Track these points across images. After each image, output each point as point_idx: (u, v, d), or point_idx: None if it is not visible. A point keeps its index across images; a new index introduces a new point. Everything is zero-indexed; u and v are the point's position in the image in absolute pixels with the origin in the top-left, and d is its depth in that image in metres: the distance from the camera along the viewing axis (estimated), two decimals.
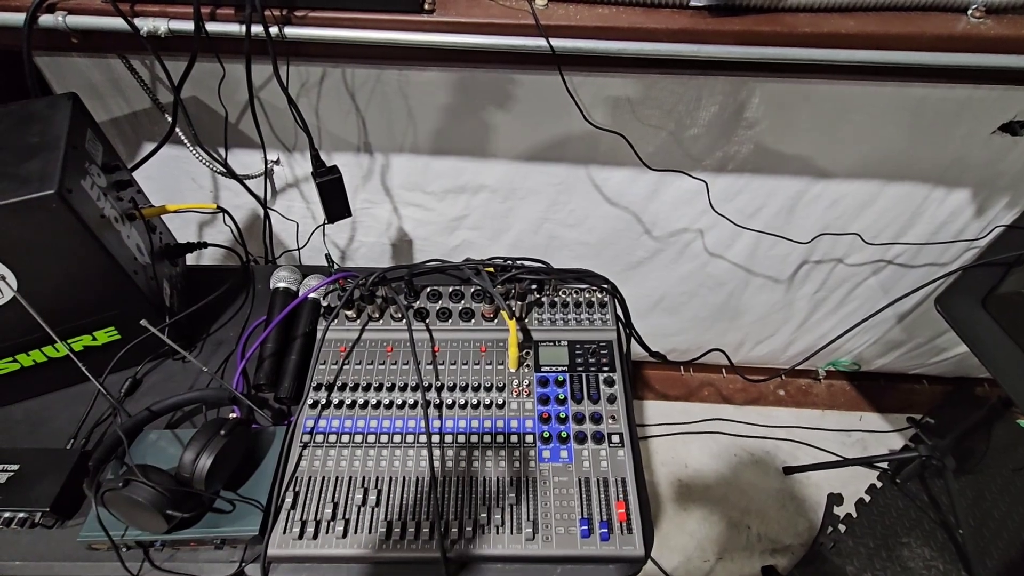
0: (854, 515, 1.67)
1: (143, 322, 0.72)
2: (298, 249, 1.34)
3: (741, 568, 1.57)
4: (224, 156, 1.14)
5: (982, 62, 0.87)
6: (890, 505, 1.69)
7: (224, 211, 0.97)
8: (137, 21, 0.80)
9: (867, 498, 1.70)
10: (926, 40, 0.85)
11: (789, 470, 1.74)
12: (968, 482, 1.70)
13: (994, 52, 0.86)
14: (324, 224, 1.28)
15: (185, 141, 1.06)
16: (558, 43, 0.82)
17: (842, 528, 1.64)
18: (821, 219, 1.32)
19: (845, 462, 1.70)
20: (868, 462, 1.70)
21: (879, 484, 1.73)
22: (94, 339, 0.84)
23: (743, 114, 1.10)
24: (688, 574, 1.56)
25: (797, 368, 1.76)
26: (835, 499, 1.71)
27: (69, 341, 0.81)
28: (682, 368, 1.95)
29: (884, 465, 1.74)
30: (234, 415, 0.78)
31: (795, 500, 1.70)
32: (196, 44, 0.81)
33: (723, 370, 1.95)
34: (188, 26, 0.79)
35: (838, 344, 1.61)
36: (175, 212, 0.93)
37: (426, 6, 0.81)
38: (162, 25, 0.80)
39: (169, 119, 1.02)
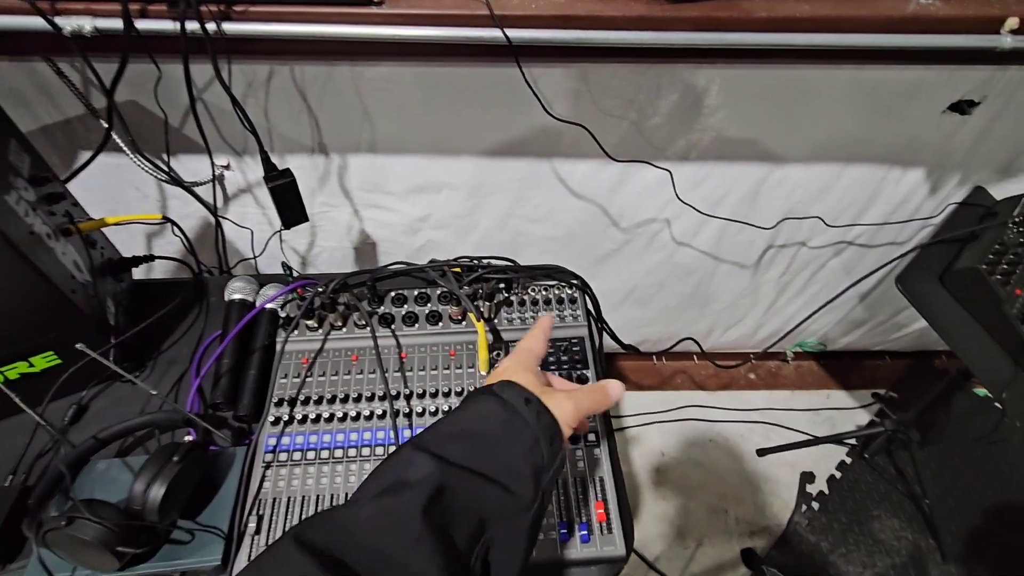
0: (826, 492, 1.71)
1: (79, 346, 0.67)
2: (254, 258, 1.28)
3: (721, 553, 1.59)
4: (167, 162, 1.07)
5: (931, 43, 0.88)
6: (860, 480, 1.73)
7: (170, 221, 0.92)
8: (59, 20, 0.74)
9: (838, 475, 1.75)
10: (878, 22, 0.86)
11: (762, 452, 1.77)
12: (932, 452, 1.76)
13: (942, 32, 0.88)
14: (280, 231, 1.22)
15: (125, 148, 1.00)
16: (514, 33, 0.79)
17: (815, 506, 1.68)
18: (784, 204, 1.33)
19: (815, 441, 1.73)
20: (837, 439, 1.74)
21: (848, 460, 1.78)
22: (31, 365, 0.78)
23: (704, 102, 1.10)
24: (670, 562, 1.57)
25: (766, 351, 1.79)
26: (807, 477, 1.74)
27: (2, 369, 0.75)
28: (655, 357, 1.97)
29: (853, 441, 1.79)
30: (190, 438, 0.74)
31: (769, 481, 1.73)
32: (127, 44, 0.76)
33: (695, 357, 1.97)
34: (116, 24, 0.74)
35: (804, 325, 1.64)
36: (116, 225, 0.87)
37: None
38: (87, 24, 0.74)
39: (105, 125, 0.95)
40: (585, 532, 0.68)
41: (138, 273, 0.98)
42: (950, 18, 0.87)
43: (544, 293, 0.90)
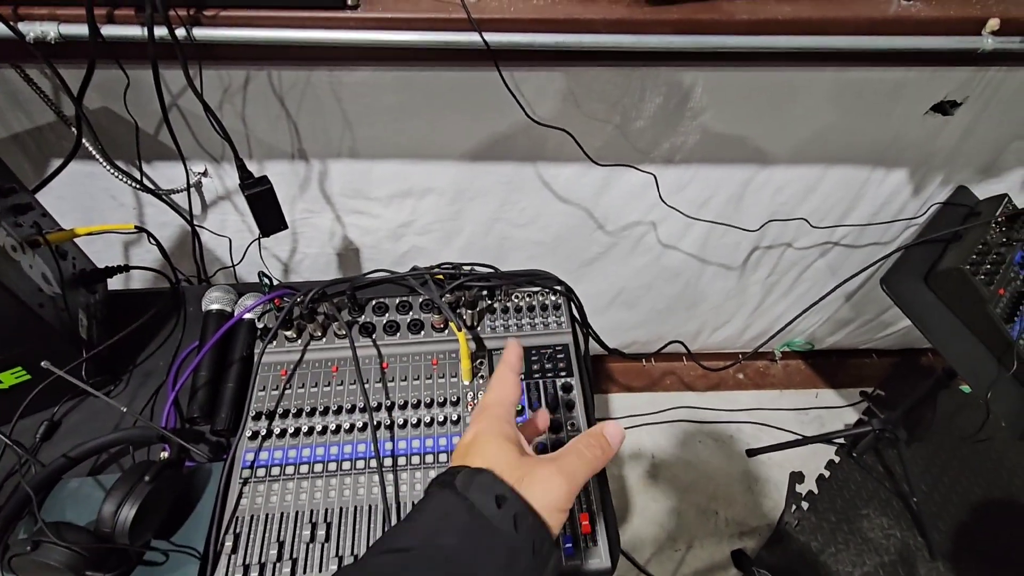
0: (815, 491, 1.71)
1: (45, 364, 0.65)
2: (233, 266, 1.26)
3: (711, 554, 1.59)
4: (140, 169, 1.05)
5: (913, 44, 0.88)
6: (848, 479, 1.74)
7: (144, 230, 0.89)
8: (22, 26, 0.72)
9: (827, 474, 1.75)
10: (860, 24, 0.85)
11: (752, 452, 1.77)
12: (919, 450, 1.77)
13: (923, 34, 0.88)
14: (259, 238, 1.20)
15: (97, 156, 0.97)
16: (492, 37, 0.78)
17: (805, 505, 1.68)
18: (769, 206, 1.33)
19: (804, 440, 1.74)
20: (826, 439, 1.74)
21: (837, 459, 1.78)
22: None
23: (687, 104, 1.09)
24: (661, 565, 1.56)
25: (755, 352, 1.79)
26: (797, 477, 1.74)
27: None
28: (644, 359, 1.96)
29: (841, 440, 1.79)
30: (166, 454, 0.72)
31: (759, 482, 1.73)
32: (93, 50, 0.73)
33: (683, 358, 1.96)
34: (82, 30, 0.72)
35: (792, 326, 1.64)
36: (87, 235, 0.85)
37: (349, 1, 0.76)
38: (51, 30, 0.72)
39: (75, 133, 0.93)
40: (569, 545, 0.67)
41: (116, 283, 0.96)
42: (932, 19, 0.86)
43: (528, 300, 0.89)
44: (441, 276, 0.89)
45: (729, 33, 0.84)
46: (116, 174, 0.98)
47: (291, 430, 0.76)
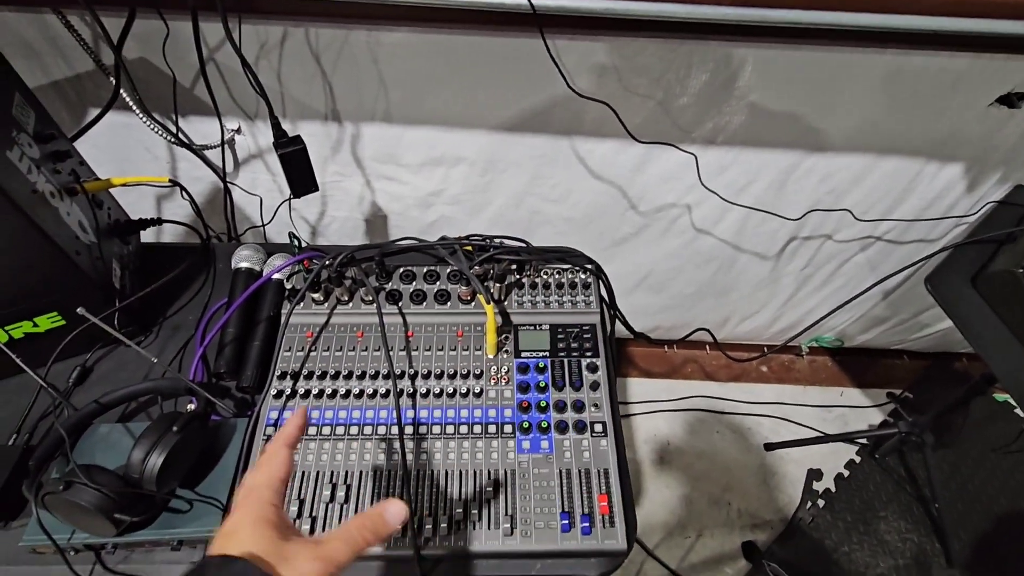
0: (833, 490, 1.69)
1: (80, 310, 0.65)
2: (263, 225, 1.26)
3: (721, 544, 1.58)
4: (175, 123, 1.05)
5: (984, 28, 0.82)
6: (868, 479, 1.70)
7: (177, 184, 0.90)
8: None
9: (846, 473, 1.72)
10: (931, 2, 0.80)
11: (770, 447, 1.74)
12: (944, 456, 1.73)
13: (998, 17, 0.82)
14: (290, 199, 1.20)
15: (133, 107, 0.97)
16: (538, 1, 0.75)
17: (821, 503, 1.66)
18: (812, 195, 1.28)
19: (826, 438, 1.70)
20: (848, 438, 1.70)
21: (858, 459, 1.74)
22: (35, 326, 0.77)
23: (735, 83, 1.04)
24: (670, 551, 1.56)
25: (783, 345, 1.75)
26: (815, 474, 1.72)
27: (6, 328, 0.74)
28: (666, 345, 1.93)
29: (864, 440, 1.75)
30: (192, 406, 0.73)
31: (776, 476, 1.71)
32: None
33: (707, 347, 1.93)
34: None
35: (823, 320, 1.60)
36: (122, 186, 0.85)
37: None
38: None
39: (113, 82, 0.93)
40: (587, 524, 0.67)
41: (147, 236, 0.97)
42: (1007, 1, 0.80)
43: (557, 277, 0.87)
44: (470, 247, 0.87)
45: (787, 7, 0.79)
46: (152, 126, 0.98)
47: (315, 391, 0.76)
